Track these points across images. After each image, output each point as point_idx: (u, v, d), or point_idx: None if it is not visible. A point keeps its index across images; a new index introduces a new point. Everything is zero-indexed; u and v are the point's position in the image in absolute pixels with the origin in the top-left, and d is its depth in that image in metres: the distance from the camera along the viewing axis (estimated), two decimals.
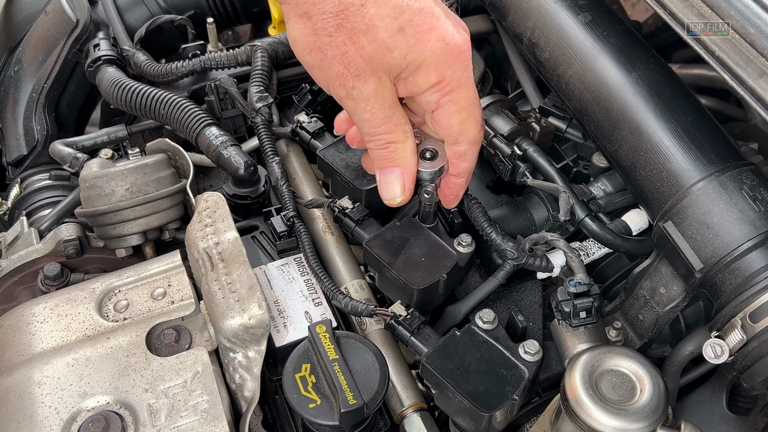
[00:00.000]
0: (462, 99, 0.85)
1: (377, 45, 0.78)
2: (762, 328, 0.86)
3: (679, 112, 0.99)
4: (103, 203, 1.14)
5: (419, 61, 0.80)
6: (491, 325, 0.99)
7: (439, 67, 0.81)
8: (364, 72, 0.80)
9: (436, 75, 0.82)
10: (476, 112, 0.88)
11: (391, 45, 0.78)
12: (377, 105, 0.83)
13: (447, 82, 0.82)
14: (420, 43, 0.78)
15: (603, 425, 0.85)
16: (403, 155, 0.89)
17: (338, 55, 0.79)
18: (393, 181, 0.92)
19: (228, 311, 0.95)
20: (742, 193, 0.92)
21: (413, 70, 0.81)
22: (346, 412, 0.89)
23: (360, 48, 0.78)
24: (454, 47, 0.80)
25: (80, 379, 0.95)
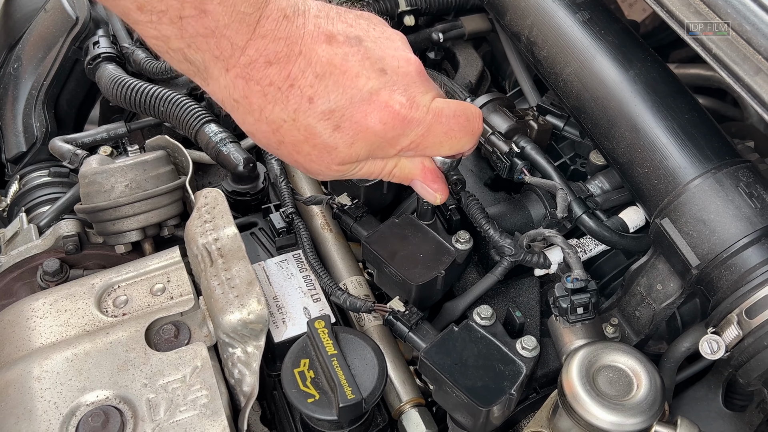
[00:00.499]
0: (435, 142, 0.83)
1: (320, 148, 0.79)
2: (758, 323, 0.87)
3: (676, 109, 1.00)
4: (103, 199, 1.14)
5: (367, 148, 0.80)
6: (489, 321, 0.99)
7: (390, 142, 0.81)
8: (321, 172, 0.83)
9: (392, 149, 0.82)
10: (458, 133, 0.85)
11: (333, 144, 0.79)
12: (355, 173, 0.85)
13: (407, 146, 0.82)
14: (361, 133, 0.78)
15: (600, 420, 0.85)
16: (408, 171, 0.89)
17: (292, 161, 0.83)
18: (421, 190, 0.92)
19: (227, 306, 0.96)
20: (738, 190, 0.92)
21: (366, 155, 0.81)
22: (345, 407, 0.90)
23: (306, 155, 0.80)
24: (396, 120, 0.79)
25: (79, 374, 0.95)
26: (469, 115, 0.86)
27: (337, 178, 0.86)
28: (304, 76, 0.75)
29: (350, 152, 0.80)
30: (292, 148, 0.80)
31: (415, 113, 0.80)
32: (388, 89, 0.79)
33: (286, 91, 0.75)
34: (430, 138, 0.83)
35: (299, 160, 0.82)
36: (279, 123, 0.77)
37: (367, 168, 0.85)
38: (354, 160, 0.82)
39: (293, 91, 0.75)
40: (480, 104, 1.19)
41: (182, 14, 0.69)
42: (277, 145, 0.81)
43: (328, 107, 0.76)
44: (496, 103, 1.19)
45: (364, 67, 0.78)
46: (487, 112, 1.18)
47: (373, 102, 0.78)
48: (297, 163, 0.83)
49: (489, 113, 1.18)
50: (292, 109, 0.76)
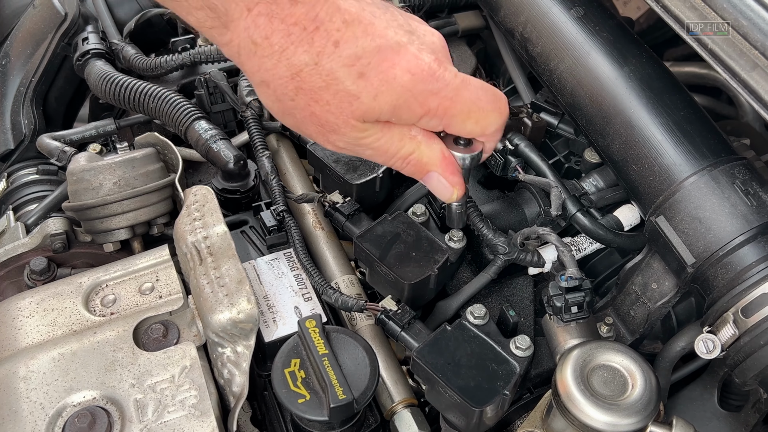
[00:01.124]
0: (463, 108, 0.79)
1: (342, 96, 0.74)
2: (754, 322, 0.86)
3: (671, 106, 0.99)
4: (91, 197, 1.12)
5: (393, 100, 0.75)
6: (482, 320, 0.98)
7: (417, 98, 0.76)
8: (337, 126, 0.77)
9: (419, 107, 0.77)
10: (486, 105, 0.80)
11: (356, 92, 0.74)
12: (370, 142, 0.80)
13: (434, 108, 0.77)
14: (386, 83, 0.74)
15: (594, 420, 0.84)
16: (427, 159, 0.83)
17: (307, 116, 0.77)
18: (437, 184, 0.86)
19: (216, 306, 0.94)
20: (734, 188, 0.91)
21: (391, 109, 0.76)
22: (336, 407, 0.89)
23: (325, 104, 0.75)
24: (424, 73, 0.75)
25: (66, 374, 0.94)
26: (496, 92, 0.82)
27: (351, 143, 0.79)
28: (332, 21, 0.71)
29: (373, 105, 0.74)
30: (309, 96, 0.74)
31: (445, 73, 0.76)
32: (416, 46, 0.75)
33: (312, 32, 0.71)
34: (458, 105, 0.78)
35: (316, 111, 0.75)
36: (300, 66, 0.72)
37: (382, 141, 0.79)
38: (375, 117, 0.76)
39: (319, 33, 0.71)
40: None
41: None
42: (293, 93, 0.75)
43: (354, 52, 0.72)
44: None
45: (391, 26, 0.75)
46: None
47: (402, 53, 0.74)
48: (313, 116, 0.76)
49: None
50: (315, 52, 0.72)
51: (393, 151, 0.81)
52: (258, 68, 0.74)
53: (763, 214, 0.89)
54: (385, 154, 0.81)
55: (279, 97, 0.76)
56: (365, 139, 0.79)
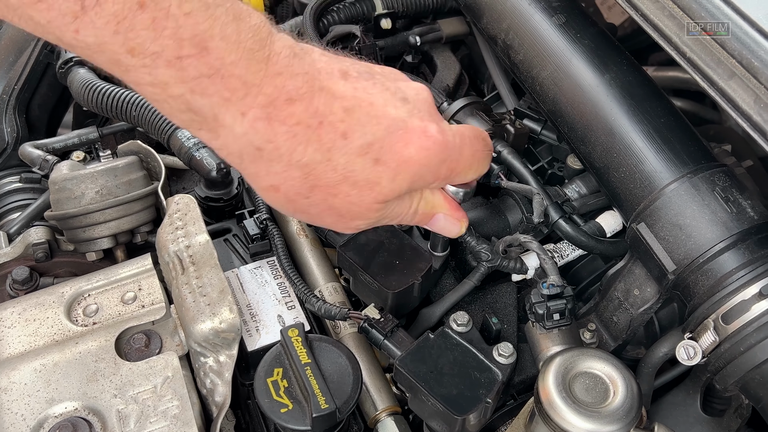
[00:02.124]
0: (465, 166, 0.81)
1: (361, 185, 0.73)
2: (734, 329, 0.86)
3: (652, 113, 0.99)
4: (73, 206, 1.12)
5: (411, 179, 0.75)
6: (465, 327, 0.98)
7: (432, 170, 0.77)
8: (360, 215, 0.77)
9: (433, 177, 0.78)
10: (482, 154, 0.83)
11: (375, 179, 0.73)
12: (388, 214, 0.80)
13: (445, 174, 0.79)
14: (403, 164, 0.74)
15: (576, 428, 0.84)
16: (431, 206, 0.85)
17: (324, 209, 0.75)
18: (444, 224, 0.88)
19: (199, 315, 0.94)
20: (714, 195, 0.92)
21: (408, 186, 0.76)
22: (318, 416, 0.89)
23: (345, 195, 0.73)
24: (434, 148, 0.75)
25: (48, 384, 0.93)
26: (484, 136, 0.85)
27: (373, 223, 0.79)
28: (333, 112, 0.69)
29: (393, 186, 0.74)
30: (327, 192, 0.73)
31: (449, 138, 0.77)
32: (417, 117, 0.75)
33: (317, 128, 0.69)
34: (462, 162, 0.80)
35: (335, 204, 0.74)
36: (312, 165, 0.70)
37: (398, 208, 0.80)
38: (396, 196, 0.76)
39: (323, 128, 0.69)
40: (456, 108, 1.18)
41: (180, 54, 0.60)
42: (308, 192, 0.72)
43: (365, 141, 0.71)
44: (473, 107, 1.19)
45: (387, 98, 0.74)
46: (464, 116, 1.18)
47: (410, 131, 0.73)
48: (332, 209, 0.75)
49: (466, 117, 1.18)
50: (325, 149, 0.69)
51: (404, 212, 0.82)
52: (267, 172, 0.71)
53: (743, 221, 0.90)
54: (398, 218, 0.82)
55: (291, 198, 0.74)
56: (386, 213, 0.79)
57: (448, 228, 0.89)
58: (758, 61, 0.81)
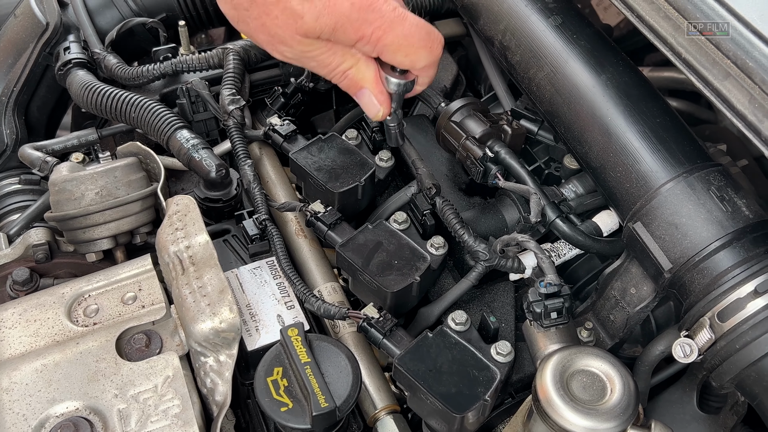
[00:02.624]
0: (394, 41, 0.89)
1: (288, 13, 0.85)
2: (730, 327, 0.87)
3: (648, 114, 1.00)
4: (73, 207, 1.12)
5: (333, 23, 0.85)
6: (464, 326, 0.99)
7: (353, 25, 0.86)
8: (285, 39, 0.88)
9: (354, 33, 0.87)
10: (416, 42, 0.90)
11: (301, 12, 0.84)
12: (315, 55, 0.90)
13: (368, 35, 0.87)
14: (329, 8, 0.84)
15: (574, 425, 0.85)
16: (362, 75, 0.94)
17: (259, 26, 0.88)
18: (367, 101, 0.97)
19: (199, 315, 0.95)
20: (709, 194, 0.93)
21: (330, 31, 0.86)
22: (318, 415, 0.89)
23: (274, 18, 0.86)
24: (363, 3, 0.85)
25: (49, 384, 0.94)
26: (430, 31, 0.92)
27: (297, 55, 0.90)
28: None
29: (315, 25, 0.85)
30: (261, 9, 0.85)
31: (383, 5, 0.86)
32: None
33: None
34: (390, 36, 0.88)
35: (266, 23, 0.86)
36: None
37: (325, 55, 0.91)
38: (317, 35, 0.87)
39: None
40: (454, 109, 1.18)
41: None
42: (248, 4, 0.86)
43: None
44: (470, 108, 1.19)
45: None
46: (461, 117, 1.18)
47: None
48: (263, 27, 0.87)
49: (463, 118, 1.18)
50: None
51: (334, 65, 0.92)
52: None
53: (738, 219, 0.91)
54: (326, 67, 0.93)
55: (235, 5, 0.87)
56: (310, 52, 0.90)
57: (369, 106, 0.98)
58: (753, 62, 0.82)
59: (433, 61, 0.94)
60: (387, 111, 0.98)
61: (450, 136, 1.18)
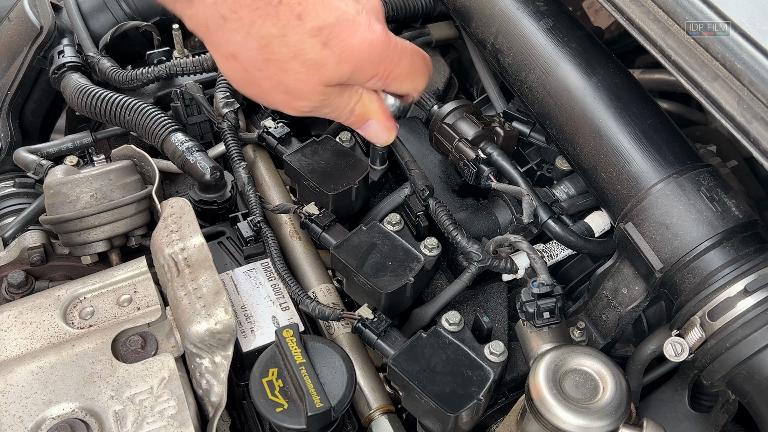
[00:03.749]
0: (402, 72, 0.90)
1: (309, 65, 0.82)
2: (720, 326, 0.88)
3: (638, 115, 1.01)
4: (68, 210, 1.13)
5: (352, 67, 0.84)
6: (457, 326, 1.00)
7: (372, 64, 0.86)
8: (305, 93, 0.85)
9: (371, 71, 0.87)
10: (420, 69, 0.92)
11: (321, 61, 0.82)
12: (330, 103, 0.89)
13: (382, 72, 0.88)
14: (347, 51, 0.82)
15: (567, 424, 0.86)
16: (367, 109, 0.94)
17: (275, 85, 0.84)
18: (376, 130, 0.97)
19: (194, 317, 0.95)
20: (699, 194, 0.94)
21: (349, 75, 0.85)
22: (313, 415, 0.90)
23: (294, 73, 0.82)
24: (376, 43, 0.85)
25: (45, 386, 0.94)
26: (424, 55, 0.94)
27: (315, 107, 0.88)
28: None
29: (336, 71, 0.83)
30: (278, 67, 0.82)
31: (390, 41, 0.86)
32: (365, 15, 0.84)
33: (276, 5, 0.77)
34: (398, 69, 0.89)
35: (284, 79, 0.83)
36: (269, 39, 0.79)
37: (340, 99, 0.90)
38: (338, 81, 0.85)
39: (282, 7, 0.77)
40: (447, 111, 1.19)
41: None
42: (262, 64, 0.81)
43: (317, 24, 0.79)
44: (463, 110, 1.20)
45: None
46: (454, 119, 1.19)
47: (358, 23, 0.82)
48: (281, 85, 0.84)
49: (456, 120, 1.19)
50: (282, 25, 0.78)
51: (344, 107, 0.92)
52: (228, 41, 0.79)
53: (728, 219, 0.92)
54: (338, 111, 0.92)
55: (247, 68, 0.82)
56: (327, 100, 0.88)
57: (378, 135, 0.98)
58: (741, 64, 0.83)
59: (427, 81, 0.96)
60: (395, 131, 0.99)
61: (443, 138, 1.19)
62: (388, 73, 0.88)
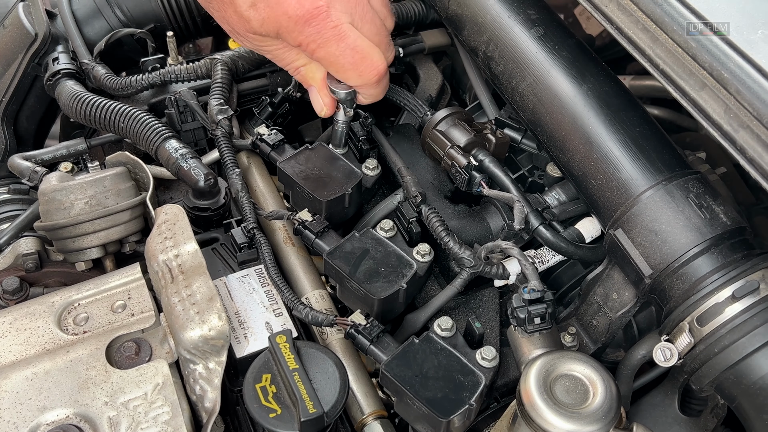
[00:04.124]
0: (325, 57, 1.00)
1: (238, 16, 0.98)
2: (709, 331, 0.89)
3: (628, 123, 1.02)
4: (62, 217, 1.14)
5: (275, 29, 0.97)
6: (449, 332, 1.01)
7: (291, 34, 0.97)
8: (240, 34, 1.03)
9: (293, 40, 0.99)
10: (345, 64, 1.01)
11: (248, 17, 0.97)
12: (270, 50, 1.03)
13: (304, 45, 0.98)
14: (271, 17, 0.95)
15: (557, 429, 0.86)
16: (311, 75, 1.08)
17: (220, 18, 1.02)
18: (315, 98, 1.12)
19: (188, 323, 0.96)
20: (688, 201, 0.95)
21: (275, 35, 0.97)
22: (306, 420, 0.91)
23: (229, 16, 1.00)
24: (299, 17, 0.94)
25: (39, 392, 0.95)
26: (366, 56, 1.02)
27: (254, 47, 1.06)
28: None
29: (261, 29, 0.99)
30: (220, 6, 1.00)
31: (322, 21, 0.96)
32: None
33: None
34: (322, 52, 0.99)
35: (225, 16, 1.01)
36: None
37: (279, 51, 1.05)
38: (265, 35, 1.00)
39: None
40: (439, 118, 1.20)
41: None
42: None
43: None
44: (455, 117, 1.21)
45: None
46: (446, 126, 1.20)
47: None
48: (223, 20, 1.03)
49: (448, 127, 1.20)
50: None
51: (288, 61, 1.07)
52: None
53: (716, 226, 0.93)
54: (281, 62, 1.08)
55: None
56: (265, 47, 1.05)
57: (315, 103, 1.14)
58: (728, 73, 0.84)
59: (364, 83, 1.05)
60: (329, 111, 1.13)
61: (435, 144, 1.20)
62: (311, 50, 0.99)
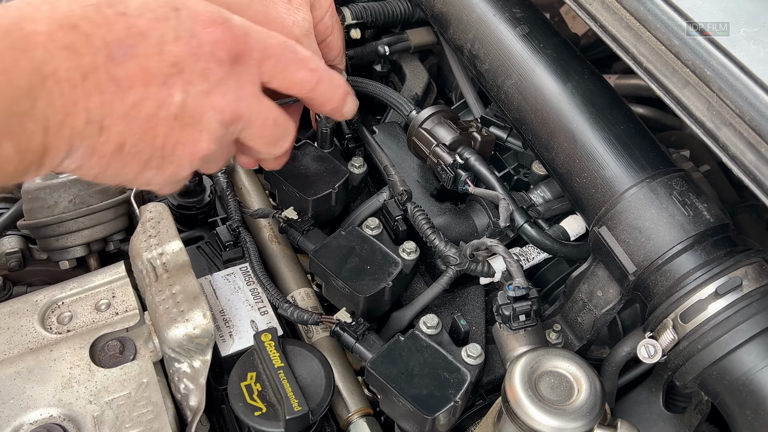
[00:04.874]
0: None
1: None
2: (692, 328, 0.90)
3: (612, 121, 1.03)
4: (46, 215, 1.13)
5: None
6: (435, 329, 1.01)
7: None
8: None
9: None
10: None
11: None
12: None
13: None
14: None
15: (542, 425, 0.87)
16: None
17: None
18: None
19: (172, 321, 0.96)
20: (672, 199, 0.95)
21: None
22: (292, 419, 0.91)
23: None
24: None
25: (22, 392, 0.94)
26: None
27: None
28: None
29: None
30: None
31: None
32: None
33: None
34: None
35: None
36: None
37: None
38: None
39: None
40: (425, 117, 1.20)
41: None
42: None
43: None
44: (441, 115, 1.21)
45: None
46: (431, 124, 1.20)
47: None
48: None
49: (434, 125, 1.20)
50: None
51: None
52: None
53: (699, 223, 0.93)
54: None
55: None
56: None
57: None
58: (710, 71, 0.85)
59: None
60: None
61: (421, 143, 1.20)
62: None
